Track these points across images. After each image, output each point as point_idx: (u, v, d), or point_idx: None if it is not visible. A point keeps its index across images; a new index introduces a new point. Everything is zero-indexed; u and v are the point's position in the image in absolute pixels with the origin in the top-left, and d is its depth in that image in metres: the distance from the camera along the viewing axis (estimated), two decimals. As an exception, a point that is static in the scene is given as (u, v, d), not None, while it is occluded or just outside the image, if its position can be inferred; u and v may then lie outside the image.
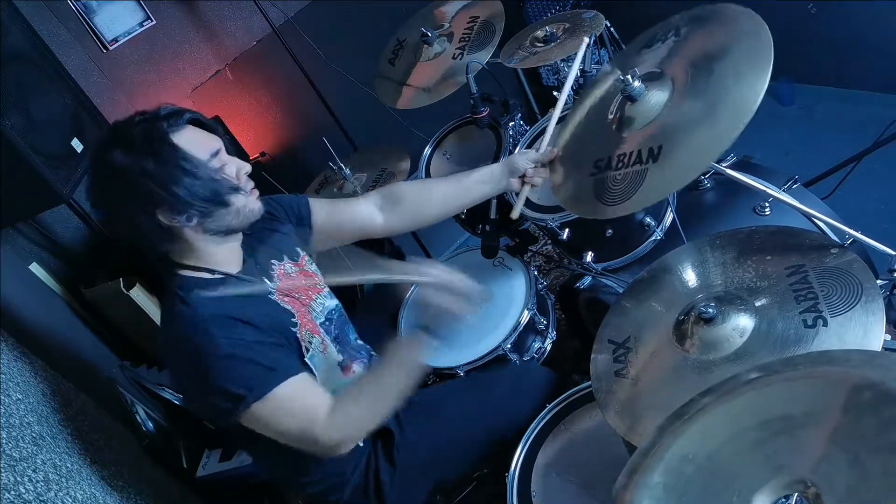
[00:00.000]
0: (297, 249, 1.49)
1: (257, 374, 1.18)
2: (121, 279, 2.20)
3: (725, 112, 1.09)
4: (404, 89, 2.09)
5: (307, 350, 1.32)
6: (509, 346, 1.74)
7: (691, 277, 1.23)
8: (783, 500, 0.69)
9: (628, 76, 1.23)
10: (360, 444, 1.44)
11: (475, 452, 1.52)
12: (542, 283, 1.94)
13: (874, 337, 0.93)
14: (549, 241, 2.67)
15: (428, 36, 2.05)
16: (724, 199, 1.65)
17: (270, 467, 1.54)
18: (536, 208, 1.73)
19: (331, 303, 1.51)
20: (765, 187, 1.27)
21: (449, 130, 2.24)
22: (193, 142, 1.21)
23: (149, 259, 1.27)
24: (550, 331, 1.88)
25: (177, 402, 2.05)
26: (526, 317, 1.76)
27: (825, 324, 0.97)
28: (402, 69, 2.13)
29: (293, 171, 3.02)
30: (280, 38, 2.75)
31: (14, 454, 1.30)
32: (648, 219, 1.62)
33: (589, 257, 1.69)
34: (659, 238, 1.65)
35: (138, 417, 1.99)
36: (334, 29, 3.03)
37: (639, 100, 1.25)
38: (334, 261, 1.52)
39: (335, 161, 2.23)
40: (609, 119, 1.34)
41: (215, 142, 1.26)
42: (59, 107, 2.01)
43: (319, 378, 1.35)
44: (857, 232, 1.12)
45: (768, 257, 1.14)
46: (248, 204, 1.29)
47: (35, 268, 2.21)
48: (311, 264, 1.52)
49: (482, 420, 1.50)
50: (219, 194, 1.22)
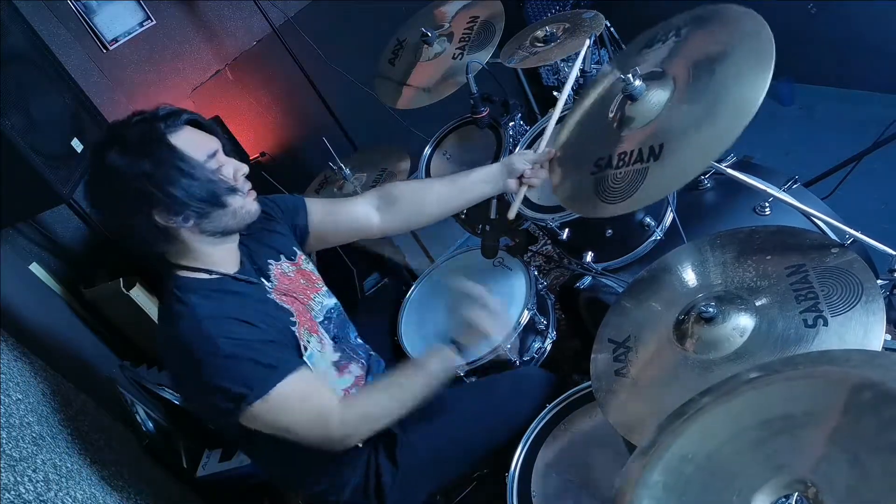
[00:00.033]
0: (294, 249, 1.49)
1: (258, 373, 1.18)
2: (121, 279, 2.20)
3: (726, 111, 1.09)
4: (404, 89, 2.09)
5: (305, 349, 1.33)
6: (509, 346, 1.73)
7: (691, 277, 1.23)
8: (783, 500, 0.69)
9: (629, 75, 1.23)
10: (360, 444, 1.44)
11: (476, 453, 1.52)
12: (542, 283, 1.93)
13: (874, 337, 0.93)
14: (549, 241, 2.66)
15: (428, 36, 2.05)
16: (725, 199, 1.65)
17: (270, 468, 1.54)
18: (536, 208, 1.73)
19: (329, 301, 1.51)
20: (765, 187, 1.27)
21: (449, 130, 2.24)
22: (191, 142, 1.21)
23: (146, 259, 1.27)
24: (550, 331, 1.87)
25: (177, 402, 2.05)
26: (526, 317, 1.76)
27: (825, 323, 0.97)
28: (402, 69, 2.13)
29: (293, 171, 3.02)
30: (280, 38, 2.75)
31: (14, 454, 1.30)
32: (648, 219, 1.62)
33: (589, 257, 1.69)
34: (659, 238, 1.65)
35: (138, 417, 1.99)
36: (334, 29, 3.03)
37: (640, 99, 1.25)
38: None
39: (335, 161, 2.23)
40: (610, 118, 1.34)
41: (213, 142, 1.26)
42: (59, 107, 2.01)
43: (317, 374, 1.35)
44: (858, 232, 1.12)
45: (768, 257, 1.14)
46: (246, 205, 1.29)
47: (35, 268, 2.21)
48: (308, 263, 1.52)
49: (483, 420, 1.50)
50: (215, 195, 1.22)
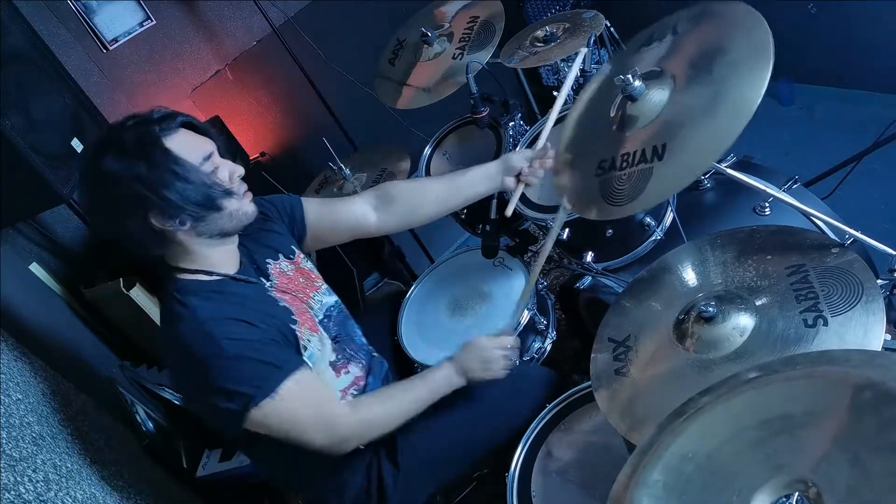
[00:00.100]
0: (293, 248, 1.49)
1: (263, 372, 1.18)
2: (121, 279, 2.20)
3: (728, 106, 1.08)
4: (404, 89, 2.09)
5: (305, 349, 1.32)
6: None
7: (691, 277, 1.23)
8: (783, 500, 0.69)
9: (629, 75, 1.23)
10: (362, 446, 1.44)
11: (476, 453, 1.52)
12: (542, 283, 1.93)
13: (874, 337, 0.93)
14: (549, 241, 2.66)
15: (428, 36, 2.05)
16: (725, 199, 1.65)
17: (271, 470, 1.54)
18: (536, 208, 1.73)
19: (329, 299, 1.51)
20: (765, 187, 1.27)
21: (449, 130, 2.24)
22: (186, 145, 1.21)
23: (145, 261, 1.27)
24: (550, 331, 1.87)
25: (177, 402, 2.05)
26: (526, 317, 1.76)
27: (825, 323, 0.97)
28: (402, 69, 2.13)
29: (293, 171, 3.02)
30: (280, 38, 2.74)
31: (14, 454, 1.30)
32: (648, 219, 1.61)
33: (589, 257, 1.69)
34: (659, 238, 1.64)
35: (138, 417, 1.99)
36: (334, 29, 3.03)
37: (640, 99, 1.25)
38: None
39: (335, 161, 2.23)
40: (610, 119, 1.34)
41: (208, 145, 1.26)
42: (59, 107, 2.01)
43: (316, 374, 1.35)
44: (858, 232, 1.12)
45: (769, 257, 1.14)
46: (242, 207, 1.29)
47: (35, 268, 2.21)
48: (308, 262, 1.52)
49: (483, 420, 1.50)
50: (211, 199, 1.22)
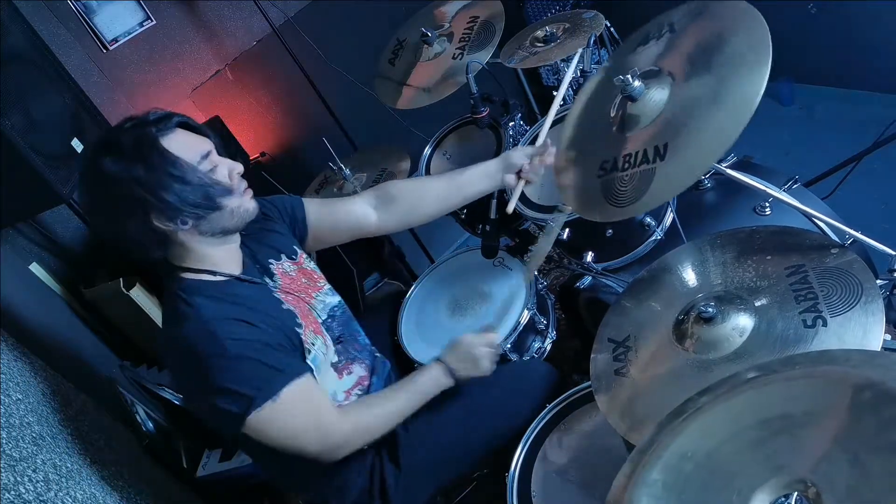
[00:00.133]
0: (295, 248, 1.49)
1: (266, 375, 1.18)
2: (121, 279, 2.20)
3: (730, 102, 1.08)
4: (404, 89, 2.09)
5: (309, 352, 1.32)
6: (509, 345, 1.74)
7: (691, 277, 1.23)
8: (783, 500, 0.69)
9: (628, 76, 1.23)
10: (365, 447, 1.44)
11: (476, 453, 1.52)
12: (542, 283, 1.93)
13: (874, 337, 0.93)
14: (549, 241, 2.66)
15: (428, 36, 2.05)
16: (725, 199, 1.65)
17: (272, 471, 1.54)
18: (536, 208, 1.73)
19: (332, 299, 1.51)
20: (765, 187, 1.27)
21: (449, 130, 2.24)
22: (183, 145, 1.21)
23: (146, 263, 1.27)
24: (550, 331, 1.87)
25: (177, 402, 2.05)
26: (526, 316, 1.76)
27: (825, 324, 0.97)
28: (402, 69, 2.13)
29: (293, 171, 3.02)
30: (280, 38, 2.74)
31: (14, 454, 1.29)
32: (648, 219, 1.61)
33: (589, 257, 1.69)
34: (659, 238, 1.64)
35: (138, 417, 1.99)
36: (334, 29, 3.03)
37: (640, 99, 1.25)
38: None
39: (335, 161, 2.23)
40: (610, 119, 1.34)
41: (205, 144, 1.26)
42: (59, 107, 2.01)
43: (319, 377, 1.35)
44: (857, 232, 1.12)
45: (768, 257, 1.14)
46: (243, 204, 1.29)
47: (35, 268, 2.21)
48: (310, 262, 1.52)
49: (484, 420, 1.50)
50: (210, 198, 1.22)
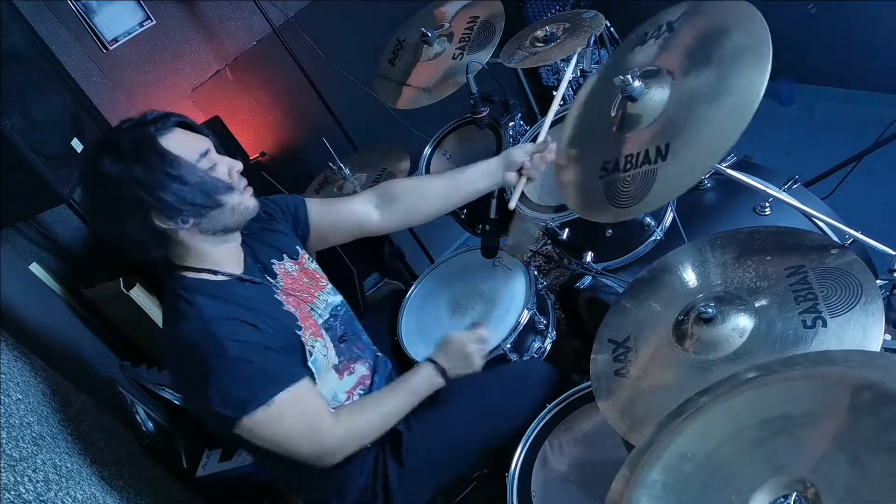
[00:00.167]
0: (297, 248, 1.49)
1: (262, 380, 1.18)
2: (121, 279, 2.20)
3: (731, 100, 1.08)
4: (404, 89, 2.09)
5: (310, 353, 1.32)
6: (509, 345, 1.74)
7: (691, 277, 1.23)
8: (782, 500, 0.69)
9: (628, 76, 1.23)
10: (368, 445, 1.44)
11: (477, 453, 1.52)
12: (542, 283, 1.93)
13: (873, 337, 0.93)
14: (549, 241, 2.67)
15: (428, 36, 2.05)
16: (725, 199, 1.65)
17: (272, 471, 1.54)
18: (536, 208, 1.73)
19: (335, 299, 1.51)
20: (765, 187, 1.27)
21: (449, 130, 2.24)
22: (181, 144, 1.21)
23: (147, 263, 1.27)
24: (550, 330, 1.87)
25: (177, 402, 2.05)
26: (526, 316, 1.76)
27: (824, 324, 0.97)
28: (402, 69, 2.13)
29: (293, 171, 3.02)
30: (280, 38, 2.74)
31: (14, 454, 1.29)
32: (648, 219, 1.61)
33: (589, 257, 1.69)
34: (659, 238, 1.64)
35: (138, 417, 1.99)
36: (334, 29, 3.03)
37: (640, 99, 1.25)
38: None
39: (335, 161, 2.23)
40: (611, 120, 1.34)
41: (204, 142, 1.26)
42: (59, 107, 2.01)
43: (319, 379, 1.35)
44: (857, 232, 1.12)
45: (768, 257, 1.14)
46: (243, 202, 1.29)
47: (35, 268, 2.21)
48: (312, 262, 1.52)
49: (485, 420, 1.50)
50: (210, 196, 1.22)
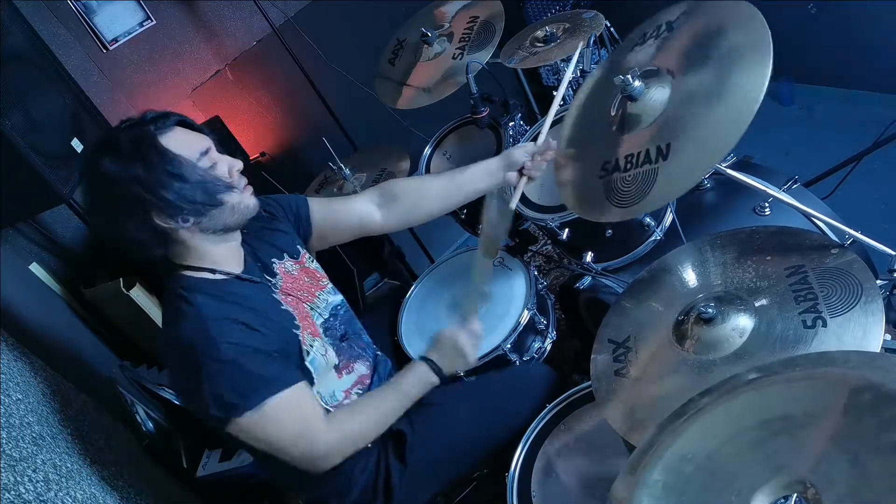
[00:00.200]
0: (298, 247, 1.49)
1: (254, 384, 1.17)
2: (121, 279, 2.20)
3: (733, 99, 1.08)
4: (404, 89, 2.09)
5: (307, 353, 1.32)
6: (509, 345, 1.74)
7: (691, 277, 1.23)
8: (782, 501, 0.69)
9: (629, 76, 1.23)
10: (369, 444, 1.43)
11: (477, 453, 1.52)
12: (542, 283, 1.93)
13: (874, 337, 0.93)
14: (549, 241, 2.67)
15: (428, 36, 2.05)
16: (724, 200, 1.65)
17: (272, 470, 1.53)
18: (536, 208, 1.73)
19: (335, 299, 1.51)
20: (765, 187, 1.27)
21: (449, 130, 2.24)
22: (182, 143, 1.21)
23: (147, 262, 1.27)
24: (550, 331, 1.87)
25: (177, 402, 2.05)
26: (526, 317, 1.76)
27: (825, 324, 0.97)
28: (402, 69, 2.13)
29: (293, 171, 3.02)
30: (280, 38, 2.74)
31: (14, 454, 1.29)
32: (648, 219, 1.61)
33: (589, 257, 1.69)
34: (659, 238, 1.65)
35: (138, 417, 1.99)
36: (334, 29, 3.03)
37: (640, 98, 1.25)
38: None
39: (335, 161, 2.23)
40: (610, 119, 1.34)
41: (204, 141, 1.26)
42: (59, 107, 2.01)
43: (318, 379, 1.35)
44: (857, 232, 1.12)
45: (768, 257, 1.14)
46: (244, 200, 1.29)
47: (35, 268, 2.21)
48: (313, 262, 1.52)
49: (484, 420, 1.50)
50: (210, 194, 1.22)
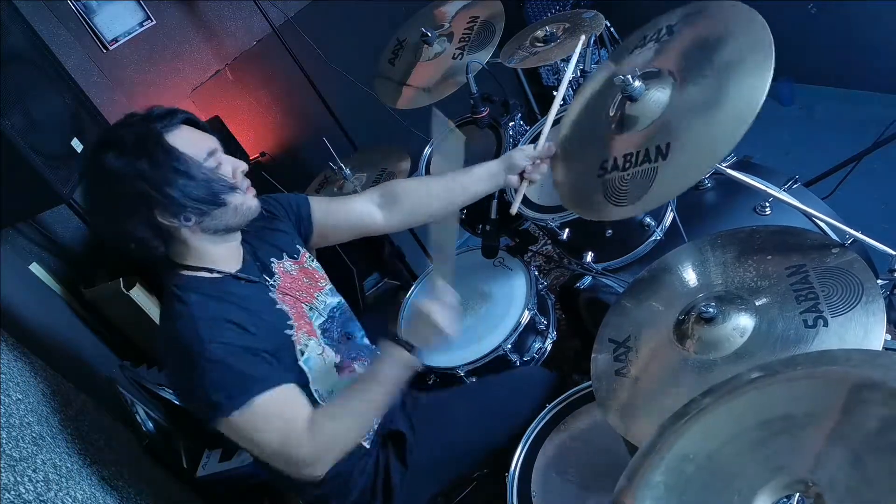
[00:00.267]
0: (298, 247, 1.49)
1: (240, 384, 1.16)
2: (121, 279, 2.20)
3: (733, 101, 1.08)
4: (404, 89, 2.09)
5: (302, 353, 1.32)
6: (510, 346, 1.74)
7: (692, 277, 1.23)
8: (784, 500, 0.69)
9: (629, 76, 1.23)
10: (367, 445, 1.43)
11: (477, 453, 1.52)
12: (542, 283, 1.94)
13: (875, 337, 0.93)
14: (549, 241, 2.67)
15: (428, 36, 2.05)
16: (725, 199, 1.65)
17: (273, 470, 1.53)
18: (536, 208, 1.73)
19: (333, 300, 1.51)
20: (765, 187, 1.27)
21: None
22: (188, 142, 1.21)
23: (146, 261, 1.27)
24: (551, 331, 1.88)
25: (177, 402, 2.05)
26: (526, 317, 1.76)
27: (825, 324, 0.97)
28: (402, 69, 2.13)
29: (293, 171, 3.02)
30: (280, 38, 2.74)
31: (14, 454, 1.29)
32: (648, 219, 1.61)
33: (589, 257, 1.69)
34: (659, 238, 1.64)
35: (138, 417, 1.99)
36: (334, 29, 3.03)
37: (640, 99, 1.25)
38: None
39: (335, 161, 2.23)
40: (609, 119, 1.34)
41: (211, 141, 1.26)
42: (59, 107, 2.01)
43: (314, 379, 1.34)
44: (858, 232, 1.12)
45: (769, 257, 1.14)
46: (246, 202, 1.29)
47: (35, 268, 2.20)
48: (312, 262, 1.52)
49: (484, 421, 1.50)
50: (215, 194, 1.22)
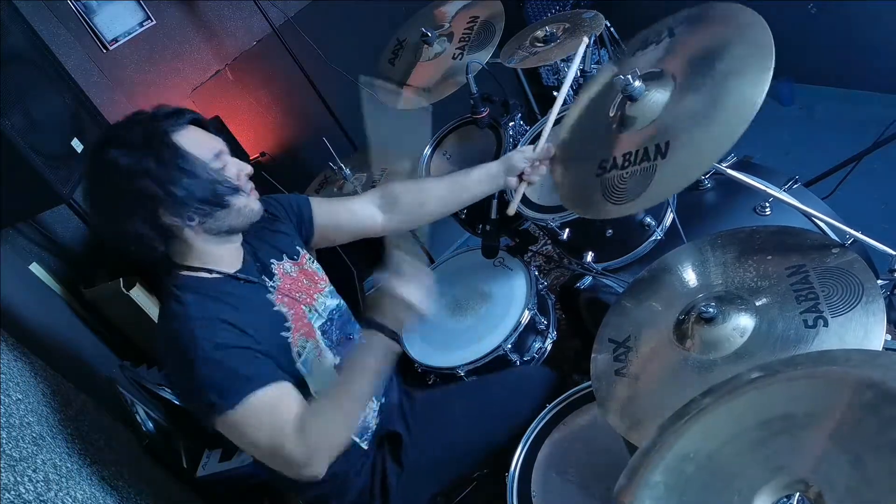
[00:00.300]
0: (298, 248, 1.49)
1: (233, 382, 1.16)
2: (121, 279, 2.20)
3: (731, 102, 1.08)
4: (404, 89, 2.09)
5: (299, 354, 1.31)
6: (510, 345, 1.74)
7: (692, 277, 1.23)
8: (784, 500, 0.69)
9: (629, 76, 1.23)
10: (365, 446, 1.43)
11: (477, 453, 1.52)
12: (542, 283, 1.94)
13: (875, 337, 0.93)
14: (549, 241, 2.67)
15: (428, 36, 2.05)
16: (725, 199, 1.65)
17: (273, 470, 1.53)
18: (537, 208, 1.73)
19: (332, 302, 1.51)
20: (765, 187, 1.27)
21: (449, 130, 2.24)
22: (195, 142, 1.21)
23: (146, 261, 1.27)
24: (551, 331, 1.88)
25: (177, 402, 2.05)
26: (526, 317, 1.76)
27: (826, 324, 0.97)
28: (402, 69, 2.13)
29: (293, 171, 3.02)
30: (280, 38, 2.74)
31: (14, 454, 1.29)
32: (648, 219, 1.61)
33: (589, 257, 1.69)
34: (659, 238, 1.65)
35: (138, 417, 1.99)
36: (334, 29, 3.03)
37: (640, 99, 1.25)
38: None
39: (335, 161, 2.23)
40: (610, 119, 1.34)
41: (218, 143, 1.26)
42: (59, 107, 2.01)
43: (312, 381, 1.33)
44: (858, 232, 1.12)
45: (769, 257, 1.14)
46: (249, 204, 1.29)
47: (35, 268, 2.20)
48: (312, 263, 1.52)
49: (484, 421, 1.50)
50: (219, 196, 1.22)
